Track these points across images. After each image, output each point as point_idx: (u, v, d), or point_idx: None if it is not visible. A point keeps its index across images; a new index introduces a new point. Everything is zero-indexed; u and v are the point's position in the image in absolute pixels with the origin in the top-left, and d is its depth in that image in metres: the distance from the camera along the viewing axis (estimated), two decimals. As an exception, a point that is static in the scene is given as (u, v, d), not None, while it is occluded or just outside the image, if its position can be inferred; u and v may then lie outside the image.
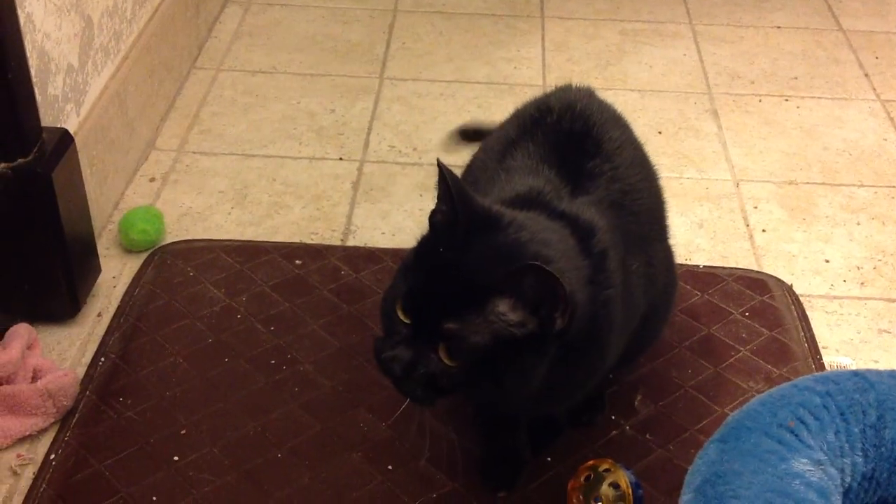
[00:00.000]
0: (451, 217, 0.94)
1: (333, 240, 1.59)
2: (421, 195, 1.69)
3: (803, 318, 1.44)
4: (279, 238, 1.58)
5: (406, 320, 0.94)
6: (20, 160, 1.26)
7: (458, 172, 1.26)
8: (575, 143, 1.11)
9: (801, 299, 1.48)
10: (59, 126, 1.38)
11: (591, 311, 0.97)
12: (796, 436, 1.03)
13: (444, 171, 0.93)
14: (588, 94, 1.22)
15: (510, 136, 1.15)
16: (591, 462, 1.13)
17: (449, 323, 0.91)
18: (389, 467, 1.19)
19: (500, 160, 1.12)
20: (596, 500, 1.09)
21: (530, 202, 1.02)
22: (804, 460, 1.00)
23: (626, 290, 1.04)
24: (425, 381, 0.93)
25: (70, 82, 1.47)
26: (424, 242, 0.98)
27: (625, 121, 1.23)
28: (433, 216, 0.97)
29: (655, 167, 1.22)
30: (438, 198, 0.96)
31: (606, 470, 1.11)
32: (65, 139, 1.33)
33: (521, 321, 0.91)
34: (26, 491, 1.15)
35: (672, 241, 1.25)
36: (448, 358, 0.92)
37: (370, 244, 1.57)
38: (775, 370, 1.34)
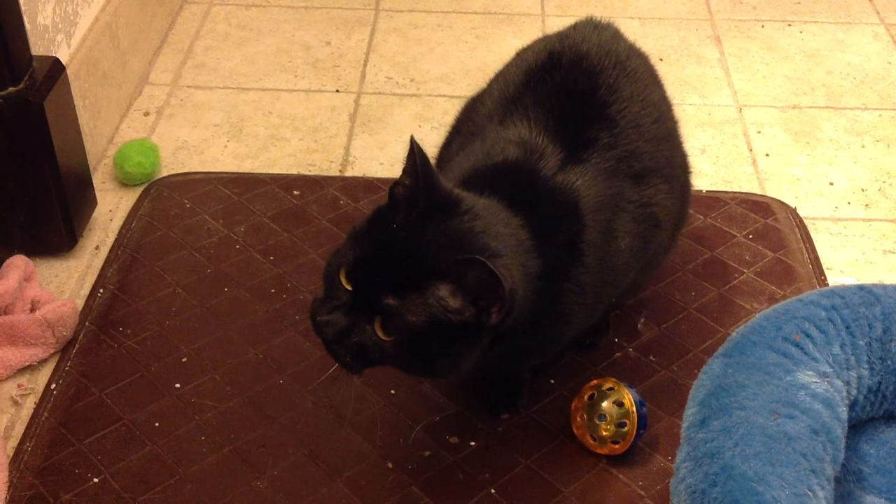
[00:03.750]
0: (411, 194, 0.94)
1: (332, 171, 1.57)
2: (419, 126, 1.67)
3: (807, 239, 1.43)
4: (277, 170, 1.56)
5: (348, 287, 0.94)
6: (10, 89, 1.24)
7: (459, 105, 1.24)
8: (580, 101, 1.09)
9: (806, 222, 1.47)
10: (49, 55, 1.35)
11: (537, 303, 0.98)
12: (801, 349, 1.02)
13: (414, 148, 0.92)
14: (610, 33, 1.16)
15: (516, 82, 1.12)
16: (594, 381, 1.12)
17: (389, 298, 0.91)
18: (392, 391, 1.19)
19: (501, 119, 1.10)
20: (600, 418, 1.09)
21: (515, 171, 1.03)
22: (809, 372, 0.99)
23: (603, 264, 1.05)
24: (356, 350, 0.94)
25: (60, 12, 1.44)
26: (379, 213, 0.97)
27: (643, 58, 1.18)
28: (394, 188, 0.96)
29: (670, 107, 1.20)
30: (404, 171, 0.95)
31: (610, 388, 1.10)
32: (56, 67, 1.31)
33: (459, 309, 0.91)
34: (28, 420, 1.15)
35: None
36: (382, 332, 0.92)
37: (368, 174, 1.56)
38: (779, 291, 1.33)
